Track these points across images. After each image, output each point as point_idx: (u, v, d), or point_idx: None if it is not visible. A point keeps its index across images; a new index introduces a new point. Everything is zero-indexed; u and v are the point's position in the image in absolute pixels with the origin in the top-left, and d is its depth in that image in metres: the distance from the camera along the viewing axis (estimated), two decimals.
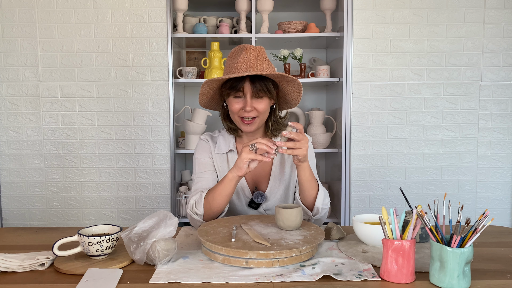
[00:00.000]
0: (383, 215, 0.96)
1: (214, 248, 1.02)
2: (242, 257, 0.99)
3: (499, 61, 2.35)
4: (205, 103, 1.41)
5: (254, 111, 1.31)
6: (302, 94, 1.39)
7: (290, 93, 1.39)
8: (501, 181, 2.42)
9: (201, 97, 1.36)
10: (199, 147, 1.47)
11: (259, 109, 1.31)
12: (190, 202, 1.32)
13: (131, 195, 2.41)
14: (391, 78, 2.35)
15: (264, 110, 1.33)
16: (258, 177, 1.45)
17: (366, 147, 2.38)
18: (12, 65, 2.34)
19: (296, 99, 1.41)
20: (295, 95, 1.39)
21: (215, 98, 1.42)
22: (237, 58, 1.29)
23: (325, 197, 1.34)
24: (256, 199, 1.41)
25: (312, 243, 1.03)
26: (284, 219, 1.14)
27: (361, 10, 2.32)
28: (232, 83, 1.29)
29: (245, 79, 1.28)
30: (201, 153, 1.45)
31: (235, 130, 1.42)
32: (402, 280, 0.92)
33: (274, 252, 0.98)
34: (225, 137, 1.46)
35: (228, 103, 1.34)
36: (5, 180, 2.40)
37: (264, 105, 1.32)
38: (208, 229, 1.14)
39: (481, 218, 0.90)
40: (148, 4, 2.32)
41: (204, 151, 1.45)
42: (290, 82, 1.34)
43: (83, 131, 2.38)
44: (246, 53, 1.28)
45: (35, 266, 1.01)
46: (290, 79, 1.30)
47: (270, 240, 1.06)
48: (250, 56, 1.28)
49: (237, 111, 1.31)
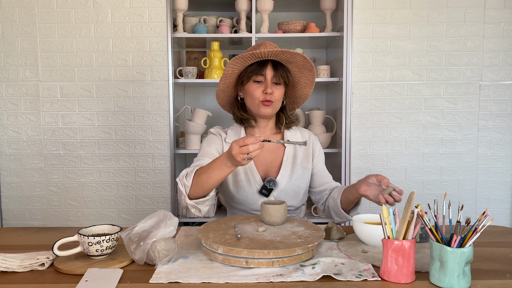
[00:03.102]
0: (384, 214, 0.96)
1: (214, 248, 1.02)
2: (242, 257, 0.99)
3: (499, 61, 2.35)
4: (222, 89, 1.45)
5: (272, 95, 1.39)
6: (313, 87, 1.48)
7: (302, 86, 1.49)
8: (501, 181, 2.42)
9: (222, 81, 1.41)
10: (208, 139, 1.50)
11: (276, 95, 1.40)
12: (182, 173, 1.31)
13: (131, 195, 2.41)
14: (391, 78, 2.35)
15: (279, 97, 1.42)
16: (269, 167, 1.47)
17: (366, 147, 2.38)
18: (12, 65, 2.34)
19: (307, 93, 1.50)
20: (307, 88, 1.49)
21: (230, 89, 1.47)
22: (257, 49, 1.36)
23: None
24: (268, 184, 1.42)
25: (312, 243, 1.03)
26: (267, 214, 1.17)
27: (361, 10, 2.32)
28: (255, 67, 1.38)
29: (267, 64, 1.39)
30: (209, 144, 1.47)
31: (248, 121, 1.47)
32: (402, 280, 0.92)
33: (274, 252, 0.98)
34: (235, 130, 1.51)
35: (247, 88, 1.41)
36: (5, 180, 2.40)
37: (280, 93, 1.42)
38: (208, 229, 1.14)
39: (481, 218, 0.90)
40: (148, 4, 2.32)
41: (213, 143, 1.48)
42: (306, 73, 1.44)
43: (83, 131, 2.38)
44: (265, 46, 1.38)
45: (35, 266, 1.01)
46: (309, 65, 1.41)
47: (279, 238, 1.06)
48: (270, 48, 1.37)
49: (258, 94, 1.39)
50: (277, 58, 1.39)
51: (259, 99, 1.39)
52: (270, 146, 1.50)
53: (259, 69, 1.38)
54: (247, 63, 1.39)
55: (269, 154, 1.48)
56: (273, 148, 1.49)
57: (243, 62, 1.37)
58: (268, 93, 1.37)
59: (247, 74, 1.39)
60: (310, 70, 1.43)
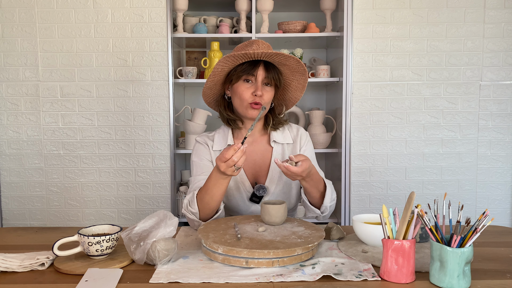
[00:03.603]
0: (384, 213, 0.96)
1: (214, 248, 1.02)
2: (242, 257, 0.99)
3: (499, 61, 2.35)
4: (209, 86, 1.39)
5: (262, 98, 1.34)
6: (304, 92, 1.43)
7: (293, 89, 1.44)
8: (501, 181, 2.42)
9: (210, 78, 1.35)
10: (195, 150, 1.47)
11: (265, 98, 1.35)
12: (184, 203, 1.32)
13: (131, 195, 2.41)
14: (391, 78, 2.35)
15: (269, 100, 1.37)
16: (258, 171, 1.44)
17: (366, 147, 2.38)
18: (12, 65, 2.34)
19: (297, 96, 1.45)
20: (298, 92, 1.44)
21: (217, 86, 1.42)
22: (249, 48, 1.32)
23: (332, 193, 1.37)
24: (258, 191, 1.39)
25: (312, 243, 1.03)
26: (267, 214, 1.17)
27: (361, 10, 2.32)
28: (246, 67, 1.33)
29: (259, 65, 1.33)
30: (197, 156, 1.45)
31: (234, 122, 1.43)
32: (402, 280, 0.92)
33: (274, 252, 0.98)
34: (222, 133, 1.47)
35: (236, 88, 1.36)
36: (5, 180, 2.40)
37: (270, 95, 1.37)
38: (208, 229, 1.14)
39: (481, 218, 0.90)
40: (148, 4, 2.32)
41: (201, 153, 1.45)
42: (298, 76, 1.39)
43: (83, 131, 2.38)
44: (258, 44, 1.33)
45: (35, 266, 1.01)
46: (302, 69, 1.36)
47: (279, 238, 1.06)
48: (263, 47, 1.32)
49: (247, 95, 1.34)
50: (270, 59, 1.33)
51: (247, 101, 1.34)
52: (258, 149, 1.45)
53: (251, 69, 1.33)
54: (238, 62, 1.34)
55: (257, 157, 1.44)
56: (261, 150, 1.45)
57: (234, 61, 1.32)
58: (258, 95, 1.32)
59: (237, 73, 1.34)
60: (303, 74, 1.38)
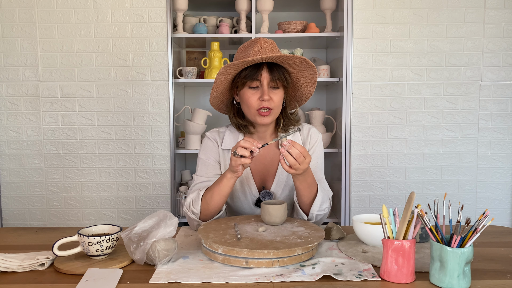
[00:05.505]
0: (384, 213, 0.96)
1: (214, 248, 1.02)
2: (242, 257, 0.99)
3: (499, 61, 2.35)
4: (216, 95, 1.35)
5: (271, 102, 1.29)
6: (315, 86, 1.38)
7: (304, 85, 1.39)
8: (501, 181, 2.42)
9: (214, 89, 1.31)
10: (203, 147, 1.44)
11: (275, 100, 1.29)
12: (187, 201, 1.30)
13: (131, 195, 2.41)
14: (391, 78, 2.35)
15: (279, 103, 1.31)
16: (266, 174, 1.42)
17: (366, 147, 2.38)
18: (12, 65, 2.34)
19: (309, 92, 1.40)
20: (309, 87, 1.39)
21: (225, 94, 1.38)
22: (251, 49, 1.27)
23: (322, 203, 1.29)
24: (263, 198, 1.38)
25: (312, 243, 1.03)
26: (267, 214, 1.17)
27: (361, 10, 2.32)
28: (249, 71, 1.27)
29: (262, 67, 1.27)
30: (205, 154, 1.42)
31: (246, 127, 1.39)
32: (402, 280, 0.92)
33: (274, 252, 0.98)
34: (233, 132, 1.43)
35: (243, 95, 1.31)
36: (5, 180, 2.40)
37: (279, 97, 1.31)
38: (208, 229, 1.14)
39: (481, 218, 0.90)
40: (148, 4, 2.32)
41: (208, 152, 1.42)
42: (306, 72, 1.33)
43: (83, 131, 2.38)
44: (260, 44, 1.27)
45: (35, 266, 1.01)
46: (309, 65, 1.30)
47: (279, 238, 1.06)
48: (265, 47, 1.27)
49: (254, 102, 1.28)
50: (273, 60, 1.27)
51: (255, 108, 1.29)
52: (267, 152, 1.41)
53: (254, 73, 1.26)
54: (239, 69, 1.29)
55: (266, 161, 1.41)
56: (270, 154, 1.41)
57: (235, 68, 1.27)
58: (265, 100, 1.26)
59: (241, 79, 1.28)
60: (311, 69, 1.31)
